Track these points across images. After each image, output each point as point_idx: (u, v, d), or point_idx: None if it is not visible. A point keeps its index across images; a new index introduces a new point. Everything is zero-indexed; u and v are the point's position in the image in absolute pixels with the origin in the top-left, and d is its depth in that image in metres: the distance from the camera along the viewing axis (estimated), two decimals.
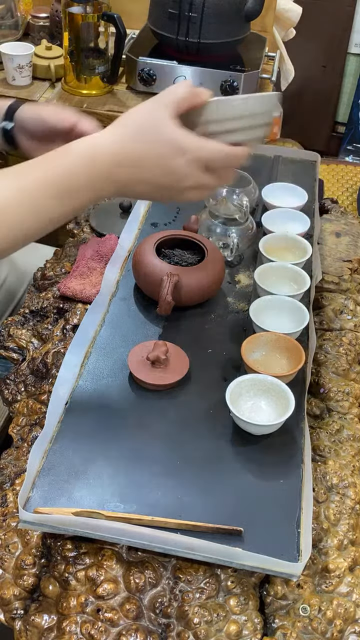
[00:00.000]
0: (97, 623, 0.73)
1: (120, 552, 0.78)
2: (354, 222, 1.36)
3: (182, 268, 1.02)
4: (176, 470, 0.82)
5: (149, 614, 0.75)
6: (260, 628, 0.75)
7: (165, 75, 1.73)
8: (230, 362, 0.97)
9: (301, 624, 0.75)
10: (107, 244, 1.20)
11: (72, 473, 0.81)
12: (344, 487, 0.86)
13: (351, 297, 1.15)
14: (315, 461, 0.89)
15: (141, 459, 0.83)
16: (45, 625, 0.75)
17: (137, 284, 1.07)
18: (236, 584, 0.76)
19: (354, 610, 0.77)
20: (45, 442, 0.84)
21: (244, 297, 1.09)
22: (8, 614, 0.78)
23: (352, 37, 2.91)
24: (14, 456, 0.93)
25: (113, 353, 0.97)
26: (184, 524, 0.76)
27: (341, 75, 3.02)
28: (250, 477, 0.83)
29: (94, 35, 1.70)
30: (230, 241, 1.13)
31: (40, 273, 1.22)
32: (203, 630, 0.73)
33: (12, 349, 1.10)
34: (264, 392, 0.89)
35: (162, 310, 0.99)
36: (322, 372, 1.02)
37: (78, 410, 0.88)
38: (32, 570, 0.79)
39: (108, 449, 0.84)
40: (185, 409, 0.90)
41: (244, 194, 1.19)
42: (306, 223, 1.19)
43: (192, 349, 0.98)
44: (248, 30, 1.76)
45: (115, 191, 0.80)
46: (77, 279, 1.14)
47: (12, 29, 1.93)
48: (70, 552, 0.78)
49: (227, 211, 1.14)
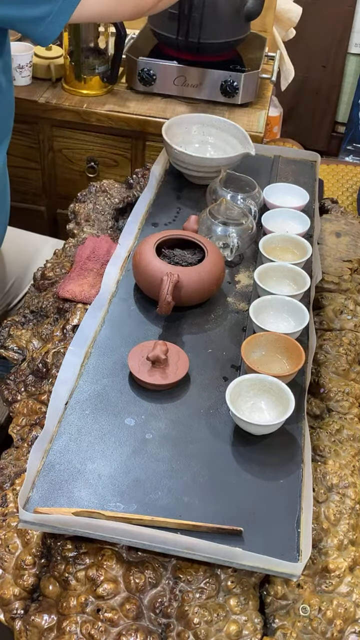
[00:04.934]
0: (97, 623, 0.73)
1: (120, 552, 0.78)
2: (354, 222, 1.36)
3: (182, 268, 1.02)
4: (176, 470, 0.82)
5: (149, 614, 0.75)
6: (260, 628, 0.75)
7: (165, 75, 1.73)
8: (230, 362, 0.97)
9: (301, 624, 0.75)
10: (103, 245, 1.20)
11: (72, 473, 0.81)
12: (344, 487, 0.86)
13: (351, 297, 1.15)
14: (315, 461, 0.89)
15: (141, 459, 0.83)
16: (45, 625, 0.75)
17: (137, 284, 1.07)
18: (236, 584, 0.76)
19: (354, 610, 0.77)
20: (45, 442, 0.84)
21: (244, 297, 1.09)
22: (8, 614, 0.78)
23: (352, 37, 2.91)
24: (14, 456, 0.93)
25: (113, 353, 0.97)
26: (184, 524, 0.76)
27: (341, 75, 3.02)
28: (250, 477, 0.83)
29: (94, 35, 1.70)
30: (230, 241, 1.13)
31: (40, 273, 1.22)
32: (203, 630, 0.73)
33: (12, 349, 1.10)
34: (264, 392, 0.89)
35: (162, 310, 0.99)
36: (322, 372, 1.02)
37: (78, 410, 0.89)
38: (32, 570, 0.79)
39: (108, 449, 0.84)
40: (185, 409, 0.90)
41: (250, 198, 1.19)
42: (306, 223, 1.19)
43: (192, 349, 0.98)
44: (248, 30, 1.76)
45: None
46: (75, 280, 1.14)
47: None
48: (70, 552, 0.78)
49: (233, 215, 1.14)
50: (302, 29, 2.44)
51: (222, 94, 1.73)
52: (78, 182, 1.87)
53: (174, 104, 1.76)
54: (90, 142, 1.81)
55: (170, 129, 1.32)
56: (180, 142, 1.33)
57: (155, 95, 1.78)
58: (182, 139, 1.35)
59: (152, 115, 1.71)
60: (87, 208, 1.34)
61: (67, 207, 1.39)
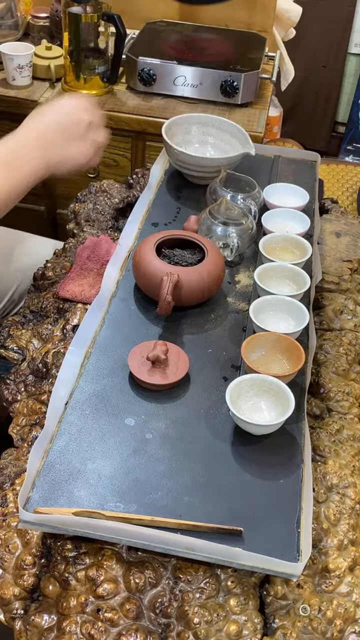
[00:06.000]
0: (97, 623, 0.73)
1: (120, 552, 0.78)
2: (354, 222, 1.36)
3: (182, 268, 1.02)
4: (176, 470, 0.82)
5: (149, 614, 0.75)
6: (260, 628, 0.75)
7: (165, 75, 1.73)
8: (230, 362, 0.97)
9: (301, 624, 0.75)
10: (103, 245, 1.20)
11: (72, 473, 0.81)
12: (344, 487, 0.86)
13: (351, 297, 1.15)
14: (315, 461, 0.89)
15: (141, 459, 0.83)
16: (45, 625, 0.75)
17: (137, 284, 1.07)
18: (236, 584, 0.76)
19: (354, 610, 0.77)
20: (45, 442, 0.84)
21: (244, 297, 1.09)
22: (8, 614, 0.78)
23: (352, 37, 2.91)
24: (14, 456, 0.93)
25: (113, 353, 0.97)
26: (184, 524, 0.76)
27: (341, 75, 3.02)
28: (250, 477, 0.83)
29: (94, 35, 1.70)
30: (230, 241, 1.13)
31: (41, 273, 1.22)
32: (203, 630, 0.73)
33: (12, 349, 1.10)
34: (264, 392, 0.89)
35: (162, 310, 0.99)
36: (322, 372, 1.02)
37: (78, 410, 0.89)
38: (32, 570, 0.79)
39: (108, 449, 0.84)
40: (185, 409, 0.90)
41: (250, 198, 1.19)
42: (306, 223, 1.19)
43: (192, 349, 0.98)
44: None
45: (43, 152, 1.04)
46: (75, 280, 1.14)
47: (12, 29, 1.93)
48: (70, 552, 0.78)
49: (233, 215, 1.14)
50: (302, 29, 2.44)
51: (222, 94, 1.73)
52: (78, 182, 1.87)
53: (174, 104, 1.76)
54: None
55: (170, 129, 1.32)
56: (180, 142, 1.33)
57: (155, 95, 1.78)
58: (182, 139, 1.35)
59: (152, 115, 1.71)
60: (87, 208, 1.34)
61: (67, 207, 1.39)
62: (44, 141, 1.04)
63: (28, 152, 1.03)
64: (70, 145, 1.07)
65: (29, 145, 1.03)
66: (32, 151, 1.03)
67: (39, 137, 1.04)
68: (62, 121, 1.06)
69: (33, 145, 1.03)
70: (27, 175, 1.02)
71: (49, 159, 1.05)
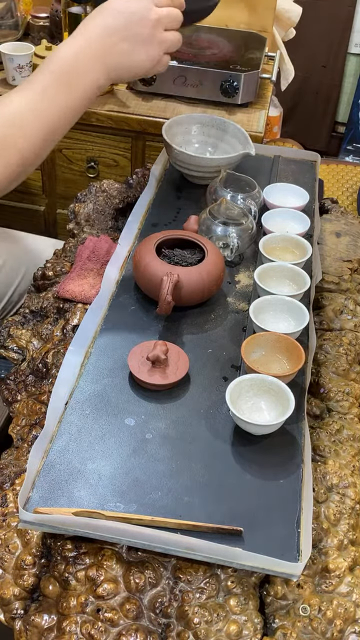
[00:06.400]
0: (97, 623, 0.73)
1: (120, 552, 0.78)
2: (354, 222, 1.36)
3: (182, 268, 1.02)
4: (176, 470, 0.82)
5: (149, 614, 0.75)
6: (261, 628, 0.75)
7: (165, 75, 1.73)
8: (230, 362, 0.97)
9: (301, 624, 0.75)
10: (103, 245, 1.21)
11: (72, 473, 0.81)
12: (344, 487, 0.86)
13: (351, 297, 1.15)
14: (315, 461, 0.89)
15: (141, 459, 0.83)
16: (45, 625, 0.75)
17: (137, 284, 1.07)
18: (236, 584, 0.76)
19: (354, 610, 0.77)
20: (45, 442, 0.84)
21: (244, 297, 1.09)
22: (8, 614, 0.78)
23: (352, 37, 2.92)
24: (14, 456, 0.93)
25: (113, 353, 0.97)
26: (184, 524, 0.76)
27: (341, 75, 3.02)
28: (250, 477, 0.83)
29: None
30: (230, 241, 1.13)
31: (40, 273, 1.22)
32: (203, 630, 0.73)
33: (12, 349, 1.10)
34: (264, 392, 0.89)
35: (162, 310, 0.99)
36: (322, 372, 1.02)
37: (78, 410, 0.89)
38: (32, 570, 0.79)
39: (108, 449, 0.84)
40: (185, 409, 0.90)
41: (250, 198, 1.19)
42: (306, 223, 1.19)
43: (192, 349, 0.98)
44: None
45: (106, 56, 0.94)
46: (75, 280, 1.14)
47: (12, 29, 1.93)
48: (70, 552, 0.78)
49: (233, 215, 1.14)
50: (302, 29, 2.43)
51: (222, 94, 1.73)
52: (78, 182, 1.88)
53: (174, 104, 1.76)
54: (90, 142, 1.81)
55: (170, 129, 1.32)
56: (180, 142, 1.33)
57: (155, 95, 1.78)
58: (182, 139, 1.35)
59: (152, 115, 1.71)
60: (87, 208, 1.34)
61: (67, 207, 1.39)
62: (104, 47, 0.93)
63: (85, 62, 0.92)
64: (134, 50, 0.95)
65: (86, 53, 0.92)
66: (90, 60, 0.92)
67: (96, 43, 0.92)
68: (124, 22, 0.94)
69: (91, 54, 0.92)
70: (86, 88, 0.92)
71: (109, 67, 0.94)
